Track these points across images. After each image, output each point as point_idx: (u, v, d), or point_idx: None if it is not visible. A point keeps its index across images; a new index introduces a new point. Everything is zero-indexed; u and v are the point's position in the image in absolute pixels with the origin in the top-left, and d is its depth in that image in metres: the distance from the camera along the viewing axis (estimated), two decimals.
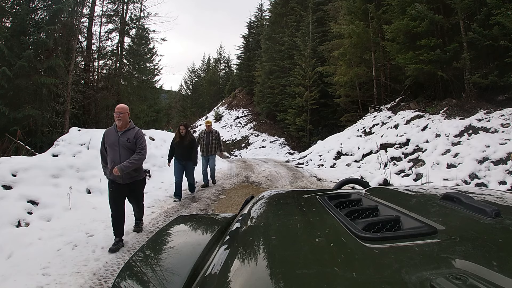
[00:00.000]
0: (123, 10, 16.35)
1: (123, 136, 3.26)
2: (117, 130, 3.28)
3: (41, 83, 10.52)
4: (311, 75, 17.62)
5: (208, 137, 6.56)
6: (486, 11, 7.14)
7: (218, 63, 45.16)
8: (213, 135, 6.60)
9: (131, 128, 3.35)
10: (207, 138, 6.55)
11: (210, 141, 6.54)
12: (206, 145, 6.50)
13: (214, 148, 6.62)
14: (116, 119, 3.25)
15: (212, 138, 6.56)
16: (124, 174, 3.21)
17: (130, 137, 3.29)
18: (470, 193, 0.93)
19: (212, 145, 6.55)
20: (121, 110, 3.24)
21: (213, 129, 6.69)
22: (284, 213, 0.98)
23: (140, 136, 3.35)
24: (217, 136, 6.65)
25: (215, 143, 6.60)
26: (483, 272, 0.46)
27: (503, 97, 7.71)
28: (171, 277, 0.82)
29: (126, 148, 3.26)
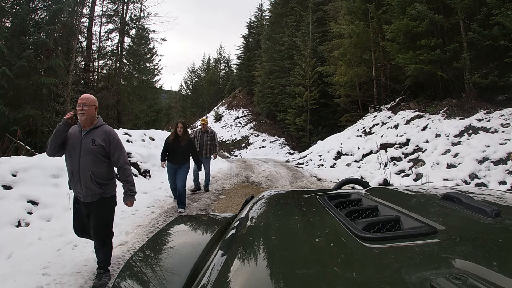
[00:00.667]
0: (123, 10, 16.36)
1: (87, 137, 2.38)
2: (81, 129, 2.41)
3: (41, 83, 10.52)
4: (311, 75, 17.63)
5: (202, 137, 5.93)
6: (486, 11, 7.14)
7: (218, 63, 45.17)
8: (209, 135, 5.97)
9: (98, 125, 2.44)
10: (202, 139, 5.92)
11: (205, 141, 5.92)
12: (200, 146, 5.86)
13: (209, 150, 6.00)
14: (79, 112, 2.37)
15: (207, 139, 5.94)
16: (84, 188, 2.39)
17: (96, 137, 2.39)
18: (470, 193, 0.93)
19: (206, 146, 5.94)
20: (85, 101, 2.36)
21: (209, 128, 6.10)
22: (284, 213, 0.98)
23: (113, 139, 2.45)
24: (212, 136, 6.04)
25: (209, 144, 5.98)
26: (483, 272, 0.46)
27: (503, 97, 7.71)
28: (171, 277, 0.82)
29: (90, 153, 2.37)
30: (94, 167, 2.39)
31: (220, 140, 26.43)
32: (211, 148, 6.04)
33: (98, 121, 2.48)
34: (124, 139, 7.03)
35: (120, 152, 2.50)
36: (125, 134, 7.43)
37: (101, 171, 2.44)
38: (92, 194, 2.41)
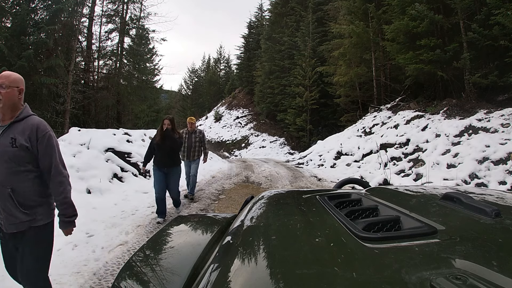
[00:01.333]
0: (123, 10, 16.35)
1: (6, 136, 1.58)
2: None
3: (41, 83, 10.52)
4: (311, 75, 17.63)
5: (190, 139, 5.37)
6: (486, 11, 7.14)
7: (218, 63, 45.17)
8: (197, 135, 5.44)
9: (22, 117, 1.62)
10: (190, 140, 5.36)
11: (193, 143, 5.37)
12: (188, 148, 5.34)
13: (198, 152, 5.47)
14: None
15: (195, 140, 5.40)
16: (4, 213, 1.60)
17: (18, 135, 1.58)
18: (470, 193, 0.93)
19: (195, 148, 5.40)
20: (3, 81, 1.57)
21: (198, 129, 5.59)
22: (284, 213, 0.98)
23: (43, 136, 1.63)
24: (201, 137, 5.51)
25: (198, 145, 5.45)
26: (483, 272, 0.46)
27: (503, 97, 7.71)
28: (171, 277, 0.82)
29: (7, 160, 1.57)
30: (14, 181, 1.58)
31: (220, 140, 26.46)
32: (200, 150, 5.52)
33: (23, 111, 1.64)
34: (124, 139, 7.01)
35: (52, 156, 1.66)
36: (125, 134, 7.43)
37: (26, 187, 1.61)
38: (15, 222, 1.59)
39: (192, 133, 5.42)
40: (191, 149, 5.37)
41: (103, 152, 6.07)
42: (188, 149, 5.36)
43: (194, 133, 5.43)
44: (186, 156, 5.37)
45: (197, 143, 5.43)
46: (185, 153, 5.34)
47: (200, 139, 5.49)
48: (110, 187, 5.29)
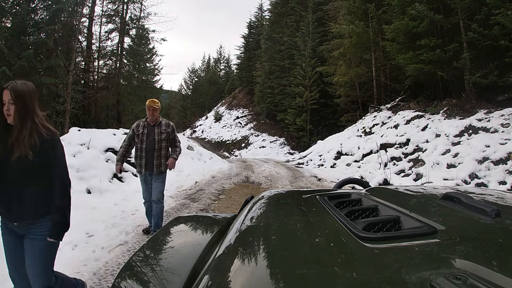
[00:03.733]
0: (123, 10, 16.36)
1: None
2: None
3: (41, 83, 10.52)
4: (311, 75, 17.63)
5: (152, 133, 3.46)
6: (486, 11, 7.14)
7: (218, 63, 45.18)
8: (163, 129, 3.50)
9: None
10: (151, 136, 3.45)
11: (157, 141, 3.44)
12: (148, 149, 3.43)
13: (165, 156, 3.50)
14: None
15: (159, 137, 3.46)
16: None
17: None
18: (470, 193, 0.93)
19: (159, 150, 3.45)
20: None
21: (164, 120, 3.62)
22: (284, 213, 0.98)
23: None
24: (169, 132, 3.53)
25: (165, 146, 3.51)
26: (483, 272, 0.46)
27: (503, 97, 7.71)
28: (171, 277, 0.82)
29: None
30: None
31: (220, 140, 26.43)
32: (168, 153, 3.56)
33: None
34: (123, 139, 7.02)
35: None
36: (125, 134, 7.42)
37: None
38: None
39: (154, 125, 3.48)
40: (153, 151, 3.41)
41: (103, 152, 6.07)
42: (148, 152, 3.42)
43: (157, 126, 3.49)
44: (146, 165, 3.43)
45: (162, 143, 3.46)
46: (142, 159, 3.44)
47: (168, 135, 3.50)
48: (110, 187, 5.29)
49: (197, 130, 31.77)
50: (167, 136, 3.52)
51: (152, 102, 3.50)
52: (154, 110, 3.48)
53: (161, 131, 3.50)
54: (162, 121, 3.57)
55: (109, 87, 15.51)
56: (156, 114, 3.53)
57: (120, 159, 3.56)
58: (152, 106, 3.47)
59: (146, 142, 3.46)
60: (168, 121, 3.65)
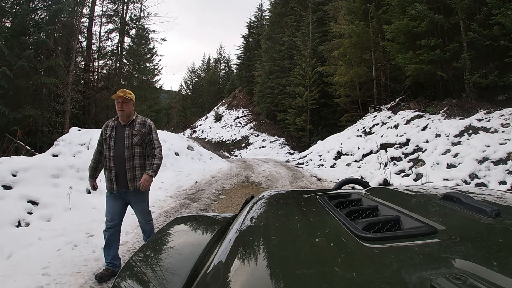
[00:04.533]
0: (123, 10, 16.37)
1: None
2: None
3: (41, 83, 10.53)
4: (311, 75, 17.63)
5: (121, 136, 2.63)
6: (486, 11, 7.14)
7: (218, 63, 45.19)
8: (135, 130, 2.65)
9: None
10: (120, 139, 2.63)
11: (127, 147, 2.61)
12: (117, 158, 2.59)
13: (140, 166, 2.64)
14: None
15: (131, 141, 2.62)
16: None
17: None
18: (470, 193, 0.93)
19: (132, 158, 2.61)
20: None
21: (139, 117, 2.76)
22: (284, 213, 0.98)
23: None
24: (144, 133, 2.67)
25: (139, 152, 2.64)
26: (483, 272, 0.46)
27: (503, 97, 7.71)
28: (171, 277, 0.82)
29: None
30: None
31: (220, 140, 26.43)
32: (144, 161, 2.66)
33: None
34: None
35: None
36: None
37: None
38: None
39: (125, 126, 2.65)
40: (122, 162, 2.57)
41: None
42: (120, 161, 2.57)
43: (130, 126, 2.65)
44: (116, 180, 2.57)
45: (135, 149, 2.60)
46: (110, 172, 2.58)
47: (143, 137, 2.64)
48: None
49: (197, 130, 31.77)
50: (141, 140, 2.62)
51: (121, 92, 2.61)
52: (124, 103, 2.59)
53: (133, 133, 2.61)
54: (136, 120, 2.69)
55: (109, 87, 15.51)
56: (128, 109, 2.63)
57: (92, 173, 2.76)
58: (122, 97, 2.56)
59: (114, 149, 2.59)
60: (145, 119, 2.75)
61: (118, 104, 2.62)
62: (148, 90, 17.86)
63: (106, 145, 2.66)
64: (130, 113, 2.69)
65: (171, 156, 8.04)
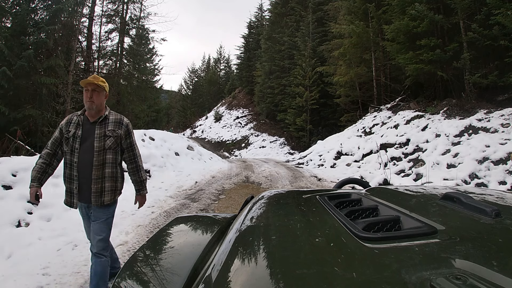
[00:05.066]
0: (123, 10, 16.38)
1: None
2: None
3: (41, 83, 10.52)
4: (311, 75, 17.64)
5: (90, 137, 2.03)
6: (486, 11, 7.14)
7: (218, 63, 45.22)
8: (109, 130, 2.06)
9: None
10: (88, 140, 2.02)
11: (97, 151, 2.01)
12: (82, 165, 1.99)
13: (111, 177, 2.07)
14: None
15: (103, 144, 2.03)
16: None
17: None
18: (470, 193, 0.93)
19: (102, 165, 2.03)
20: None
21: (113, 114, 2.16)
22: (284, 213, 0.98)
23: None
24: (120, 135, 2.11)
25: (111, 159, 2.06)
26: (483, 272, 0.46)
27: (503, 97, 7.71)
28: (171, 277, 0.82)
29: None
30: None
31: (220, 140, 26.42)
32: (115, 173, 2.11)
33: None
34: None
35: None
36: None
37: None
38: None
39: (95, 122, 2.08)
40: (88, 170, 2.02)
41: None
42: (81, 172, 2.02)
43: (100, 124, 2.09)
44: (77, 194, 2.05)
45: (107, 154, 2.06)
46: (71, 182, 2.06)
47: (118, 140, 2.12)
48: None
49: (197, 130, 31.78)
50: (115, 143, 2.05)
51: (93, 78, 2.04)
52: (95, 93, 2.00)
53: (105, 134, 2.02)
54: (109, 116, 2.09)
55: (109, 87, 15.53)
56: (98, 101, 2.03)
57: (37, 177, 2.03)
58: (93, 84, 1.99)
59: (79, 153, 1.98)
60: (120, 117, 2.15)
61: (87, 92, 2.00)
62: (148, 90, 17.87)
63: (68, 147, 2.01)
64: (101, 106, 2.08)
65: (171, 156, 8.04)
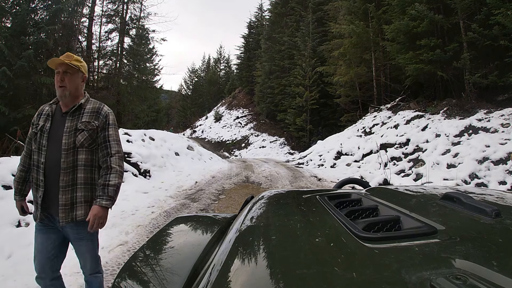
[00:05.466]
0: (123, 10, 16.38)
1: None
2: None
3: (41, 83, 10.52)
4: (311, 75, 17.63)
5: (59, 130, 1.57)
6: (486, 11, 7.14)
7: (218, 63, 45.22)
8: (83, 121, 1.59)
9: None
10: (56, 135, 1.57)
11: (65, 148, 1.54)
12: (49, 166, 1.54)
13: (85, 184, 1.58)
14: None
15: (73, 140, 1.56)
16: None
17: None
18: (470, 193, 0.93)
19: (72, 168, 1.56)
20: None
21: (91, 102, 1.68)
22: (284, 213, 0.98)
23: None
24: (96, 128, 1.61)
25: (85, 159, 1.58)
26: (483, 272, 0.46)
27: (503, 97, 7.71)
28: (171, 277, 0.82)
29: None
30: None
31: (220, 140, 26.43)
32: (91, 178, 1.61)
33: None
34: (124, 139, 7.02)
35: None
36: (125, 134, 7.43)
37: None
38: None
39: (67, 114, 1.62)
40: (56, 174, 1.55)
41: None
42: (49, 176, 1.56)
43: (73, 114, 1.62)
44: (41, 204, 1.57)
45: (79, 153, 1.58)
46: (37, 189, 1.59)
47: (93, 135, 1.62)
48: None
49: (197, 130, 31.78)
50: (89, 138, 1.60)
51: (65, 57, 1.62)
52: (68, 76, 1.59)
53: (77, 127, 1.58)
54: (86, 104, 1.65)
55: (109, 87, 15.52)
56: (73, 85, 1.61)
57: (18, 188, 1.80)
58: (64, 65, 1.59)
59: (46, 151, 1.57)
60: (100, 105, 1.70)
61: (58, 75, 1.58)
62: (148, 90, 17.86)
63: (36, 144, 1.60)
64: (76, 92, 1.62)
65: (171, 156, 8.04)
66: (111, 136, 1.67)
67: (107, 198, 1.56)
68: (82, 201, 1.59)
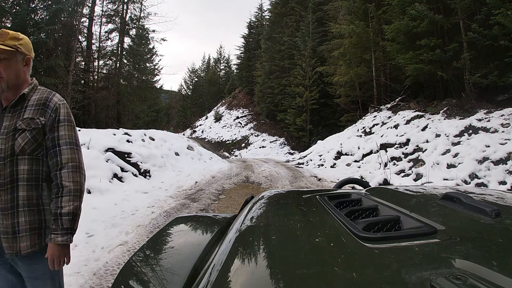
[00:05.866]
0: (123, 10, 16.39)
1: None
2: None
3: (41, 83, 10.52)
4: (311, 75, 17.64)
5: None
6: (486, 11, 7.15)
7: (218, 63, 45.23)
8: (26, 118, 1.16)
9: None
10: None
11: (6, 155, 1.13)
12: None
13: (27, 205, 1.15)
14: None
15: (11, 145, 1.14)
16: None
17: None
18: (470, 193, 0.93)
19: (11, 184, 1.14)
20: None
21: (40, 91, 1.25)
22: (284, 213, 0.98)
23: None
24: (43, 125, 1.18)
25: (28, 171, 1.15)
26: (483, 272, 0.46)
27: (503, 97, 7.71)
28: (171, 277, 0.82)
29: None
30: None
31: (220, 140, 26.42)
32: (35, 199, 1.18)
33: None
34: (124, 139, 7.03)
35: None
36: (125, 134, 7.43)
37: None
38: None
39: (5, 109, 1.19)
40: None
41: (103, 152, 6.07)
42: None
43: (14, 108, 1.19)
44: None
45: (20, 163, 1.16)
46: None
47: (39, 134, 1.19)
48: (110, 187, 5.28)
49: (197, 130, 31.78)
50: (32, 141, 1.19)
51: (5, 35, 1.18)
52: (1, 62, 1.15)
53: (16, 127, 1.18)
54: (31, 95, 1.25)
55: (109, 87, 15.53)
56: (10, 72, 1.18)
57: None
58: None
59: None
60: (49, 96, 1.27)
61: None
62: (148, 90, 17.87)
63: None
64: (16, 80, 1.22)
65: (171, 156, 8.05)
66: (61, 138, 1.21)
67: (62, 232, 1.15)
68: (26, 229, 1.16)
